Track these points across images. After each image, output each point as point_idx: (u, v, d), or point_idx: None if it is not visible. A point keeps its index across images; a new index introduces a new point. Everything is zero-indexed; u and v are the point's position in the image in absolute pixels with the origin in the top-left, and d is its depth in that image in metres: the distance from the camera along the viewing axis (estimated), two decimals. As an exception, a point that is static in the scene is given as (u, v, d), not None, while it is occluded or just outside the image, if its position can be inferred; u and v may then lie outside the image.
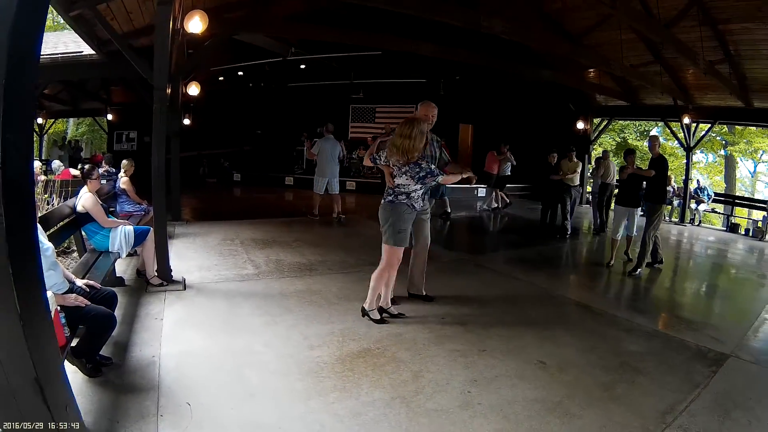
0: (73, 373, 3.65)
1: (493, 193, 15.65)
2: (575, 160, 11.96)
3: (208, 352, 4.42)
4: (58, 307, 3.31)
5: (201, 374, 4.00)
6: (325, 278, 7.00)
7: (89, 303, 3.70)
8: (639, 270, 8.35)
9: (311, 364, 4.30)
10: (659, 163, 8.35)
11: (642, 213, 8.97)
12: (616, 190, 10.30)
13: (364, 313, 5.44)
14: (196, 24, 7.12)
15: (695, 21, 11.06)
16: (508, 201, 15.72)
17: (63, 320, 3.32)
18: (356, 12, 12.74)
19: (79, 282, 4.06)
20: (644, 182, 8.53)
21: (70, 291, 3.83)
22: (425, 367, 4.37)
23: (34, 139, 17.63)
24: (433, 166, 5.18)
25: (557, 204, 11.98)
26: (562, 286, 7.58)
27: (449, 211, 12.96)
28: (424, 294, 6.22)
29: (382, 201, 5.35)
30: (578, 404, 3.84)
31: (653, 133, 26.64)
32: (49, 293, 3.18)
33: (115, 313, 4.05)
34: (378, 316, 5.37)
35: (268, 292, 6.24)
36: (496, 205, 15.52)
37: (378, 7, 7.77)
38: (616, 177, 11.08)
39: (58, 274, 3.79)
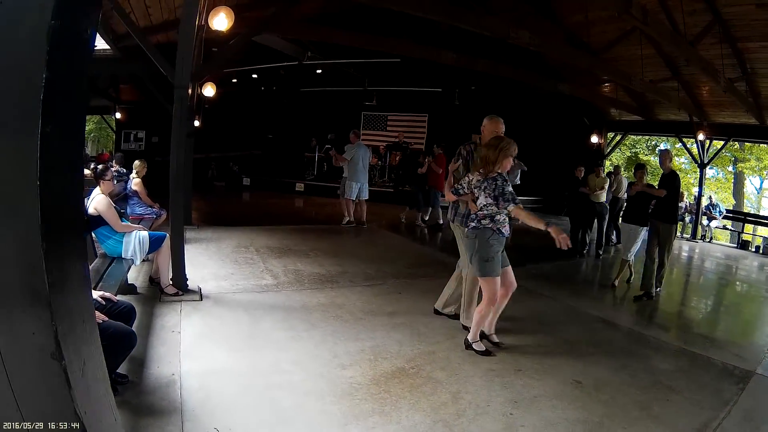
0: (87, 391, 3.33)
1: None
2: (602, 175, 11.58)
3: (233, 371, 4.10)
4: None
5: (227, 396, 3.68)
6: (347, 291, 6.71)
7: (106, 318, 3.37)
8: (658, 289, 8.00)
9: (345, 385, 4.02)
10: (671, 180, 7.76)
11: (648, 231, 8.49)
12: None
13: (468, 345, 5.01)
14: (221, 21, 6.84)
15: (716, 39, 11.05)
16: None
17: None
18: (378, 18, 12.60)
19: (95, 294, 3.70)
20: (653, 200, 8.10)
21: (84, 304, 3.51)
22: (463, 387, 4.18)
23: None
24: (510, 188, 4.83)
25: (589, 222, 11.48)
26: (586, 303, 7.33)
27: (441, 222, 12.60)
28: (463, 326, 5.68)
29: (465, 230, 5.08)
30: (619, 424, 3.77)
31: (663, 147, 26.41)
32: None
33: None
34: (483, 348, 4.97)
35: (289, 305, 5.94)
36: None
37: (404, 11, 7.58)
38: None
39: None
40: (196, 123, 11.84)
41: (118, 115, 20.09)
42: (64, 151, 1.66)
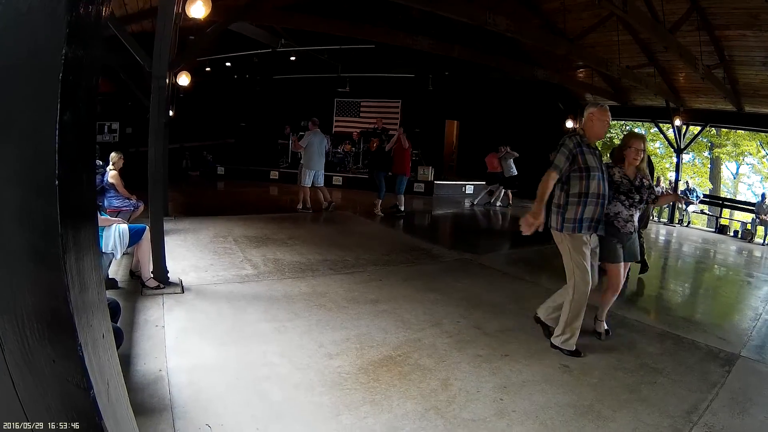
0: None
1: (496, 192, 15.76)
2: None
3: (221, 365, 4.07)
4: None
5: (217, 391, 3.65)
6: (328, 279, 6.69)
7: (92, 316, 3.32)
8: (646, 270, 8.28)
9: (333, 375, 4.02)
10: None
11: None
12: None
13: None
14: (198, 9, 6.71)
15: (693, 26, 11.16)
16: (510, 201, 15.76)
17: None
18: (352, 4, 12.50)
19: (78, 291, 3.66)
20: None
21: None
22: (452, 374, 4.20)
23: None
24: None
25: None
26: (567, 287, 7.38)
27: (402, 209, 12.62)
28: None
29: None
30: (608, 407, 3.82)
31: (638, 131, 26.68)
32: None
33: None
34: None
35: (272, 295, 5.90)
36: (492, 201, 15.60)
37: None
38: None
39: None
40: (171, 113, 11.67)
41: (91, 107, 19.71)
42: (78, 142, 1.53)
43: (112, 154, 8.20)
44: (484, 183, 16.44)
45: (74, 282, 1.39)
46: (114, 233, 5.49)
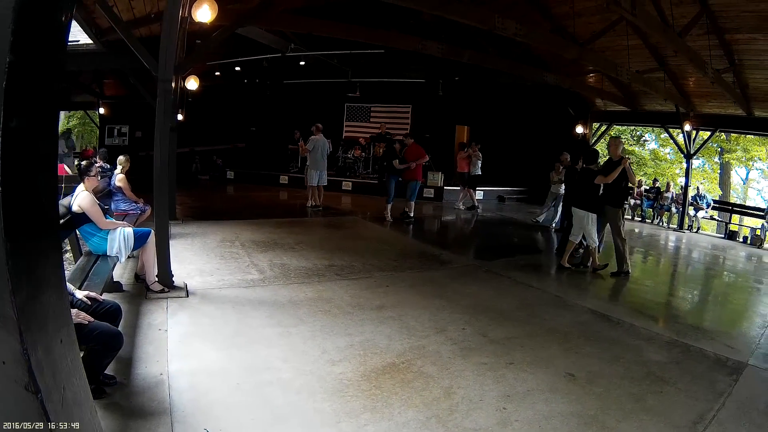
0: (74, 393, 3.27)
1: (462, 192, 15.65)
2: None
3: (222, 369, 4.06)
4: None
5: (218, 395, 3.64)
6: (334, 285, 6.66)
7: (93, 320, 3.30)
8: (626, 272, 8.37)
9: (335, 381, 3.99)
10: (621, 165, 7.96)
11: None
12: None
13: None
14: (204, 12, 6.69)
15: (703, 30, 11.00)
16: (475, 203, 15.49)
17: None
18: (362, 8, 12.50)
19: (80, 294, 3.63)
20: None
21: (70, 305, 3.42)
22: (455, 382, 4.16)
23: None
24: None
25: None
26: (575, 294, 7.30)
27: (412, 215, 12.47)
28: None
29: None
30: (613, 417, 3.77)
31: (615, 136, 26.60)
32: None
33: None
34: None
35: (277, 300, 5.88)
36: (473, 204, 15.40)
37: (391, 2, 7.49)
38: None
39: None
40: (180, 117, 11.73)
41: (101, 111, 19.77)
42: (32, 149, 1.50)
43: (120, 158, 8.25)
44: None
45: (21, 287, 1.37)
46: (119, 236, 5.49)
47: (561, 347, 5.11)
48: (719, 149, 27.13)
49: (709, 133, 16.72)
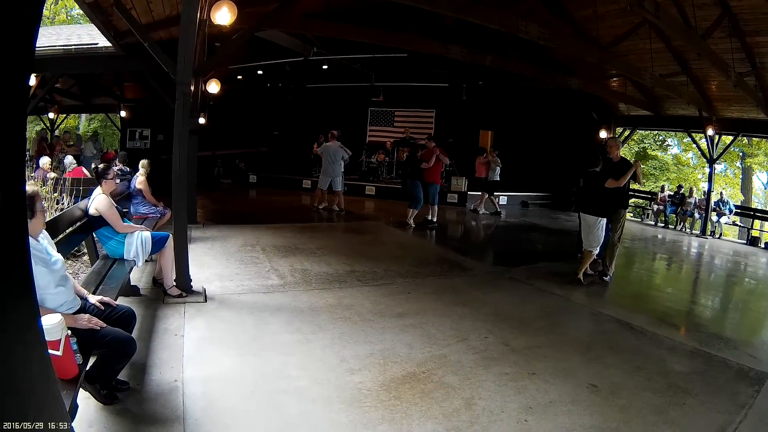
0: (85, 399, 3.24)
1: (483, 197, 15.60)
2: None
3: (238, 376, 3.97)
4: (69, 332, 2.81)
5: (231, 403, 3.55)
6: (355, 291, 6.55)
7: (105, 325, 3.22)
8: (609, 275, 8.25)
9: (353, 391, 3.88)
10: (625, 165, 7.67)
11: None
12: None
13: None
14: (223, 15, 6.66)
15: (725, 33, 10.86)
16: (497, 209, 15.56)
17: (75, 346, 2.83)
18: (384, 12, 12.43)
19: (93, 299, 3.55)
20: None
21: (82, 310, 3.35)
22: (476, 393, 4.04)
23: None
24: None
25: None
26: (599, 302, 7.18)
27: (435, 220, 12.39)
28: None
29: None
30: (635, 430, 3.69)
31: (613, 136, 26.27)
32: (57, 315, 2.73)
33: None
34: None
35: (296, 306, 5.79)
36: (496, 209, 15.48)
37: (410, 5, 7.45)
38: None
39: (69, 291, 3.29)
40: (202, 120, 11.75)
41: (122, 114, 19.97)
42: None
43: (143, 161, 8.27)
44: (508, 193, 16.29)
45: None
46: (136, 240, 5.44)
47: (583, 357, 5.00)
48: (741, 154, 26.77)
49: (731, 138, 16.48)
